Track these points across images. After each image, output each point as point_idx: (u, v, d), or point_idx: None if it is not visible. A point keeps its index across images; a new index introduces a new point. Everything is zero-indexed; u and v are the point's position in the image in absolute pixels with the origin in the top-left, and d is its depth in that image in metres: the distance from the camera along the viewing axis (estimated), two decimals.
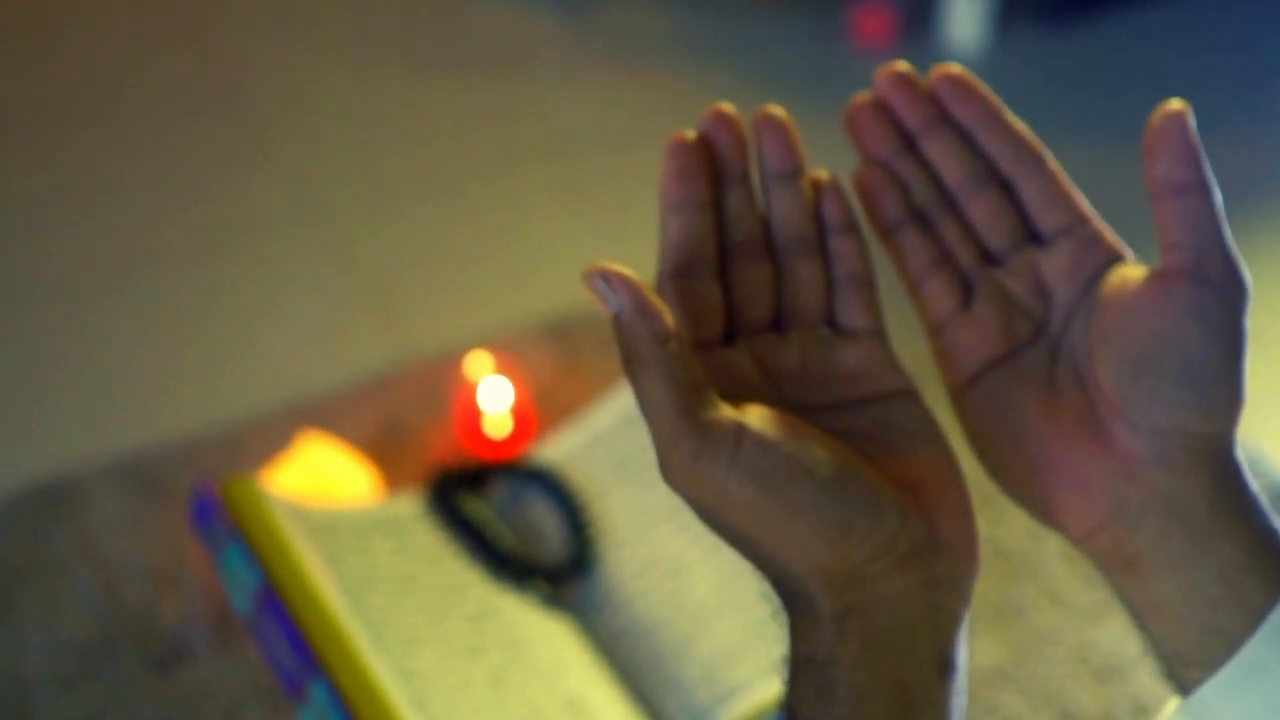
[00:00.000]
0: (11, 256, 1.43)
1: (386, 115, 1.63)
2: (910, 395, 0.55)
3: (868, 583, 0.50)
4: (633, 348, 0.50)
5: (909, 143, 0.58)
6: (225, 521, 0.85)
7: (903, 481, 0.52)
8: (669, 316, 0.50)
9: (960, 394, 0.57)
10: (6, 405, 1.21)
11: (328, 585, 0.84)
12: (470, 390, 1.07)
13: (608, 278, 0.50)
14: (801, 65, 1.66)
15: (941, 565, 0.51)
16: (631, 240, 1.39)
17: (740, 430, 0.50)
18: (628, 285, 0.50)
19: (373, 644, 0.81)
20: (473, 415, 1.06)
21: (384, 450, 1.10)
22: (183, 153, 1.59)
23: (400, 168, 1.53)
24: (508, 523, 0.95)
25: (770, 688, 0.83)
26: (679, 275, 0.54)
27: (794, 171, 0.56)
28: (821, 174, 0.57)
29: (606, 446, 0.97)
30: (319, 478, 1.01)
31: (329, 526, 0.89)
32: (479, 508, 0.95)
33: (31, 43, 1.78)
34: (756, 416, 0.51)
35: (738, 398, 0.52)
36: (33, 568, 1.03)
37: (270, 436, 1.11)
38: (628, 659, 0.87)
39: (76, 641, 0.99)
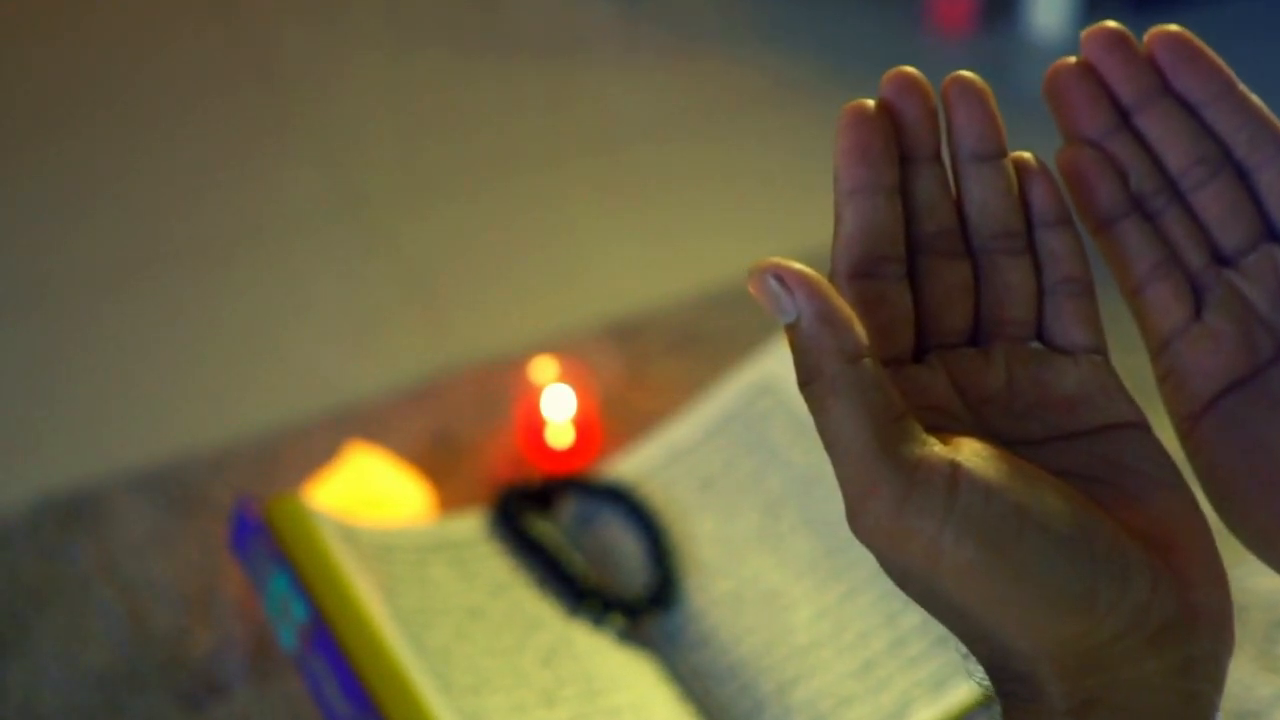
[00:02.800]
0: (28, 249, 1.32)
1: (427, 103, 1.53)
2: (1140, 428, 0.45)
3: (1114, 666, 0.40)
4: (815, 366, 0.40)
5: (1123, 119, 0.47)
6: (270, 545, 0.75)
7: (1144, 536, 0.42)
8: (861, 328, 0.40)
9: (1191, 424, 0.47)
10: (22, 410, 1.11)
11: (384, 619, 0.74)
12: (532, 398, 0.97)
13: (782, 276, 0.40)
14: (873, 54, 1.56)
15: (1198, 643, 0.41)
16: (693, 241, 1.29)
17: (955, 472, 0.39)
18: (809, 287, 0.40)
19: (436, 688, 0.72)
20: (535, 425, 0.96)
21: (436, 463, 1.00)
22: (212, 139, 1.49)
23: (442, 158, 1.43)
24: (579, 547, 0.85)
25: None
26: (858, 275, 0.44)
27: (996, 151, 0.45)
28: (1025, 156, 0.47)
29: (688, 463, 0.87)
30: (367, 493, 0.91)
31: (384, 550, 0.80)
32: (547, 530, 0.85)
33: (54, 23, 1.68)
34: (972, 454, 0.40)
35: (936, 429, 0.42)
36: (50, 590, 0.93)
37: (311, 446, 1.01)
38: (715, 702, 0.77)
39: (98, 673, 0.89)
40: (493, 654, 0.77)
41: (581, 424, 0.97)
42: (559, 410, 0.97)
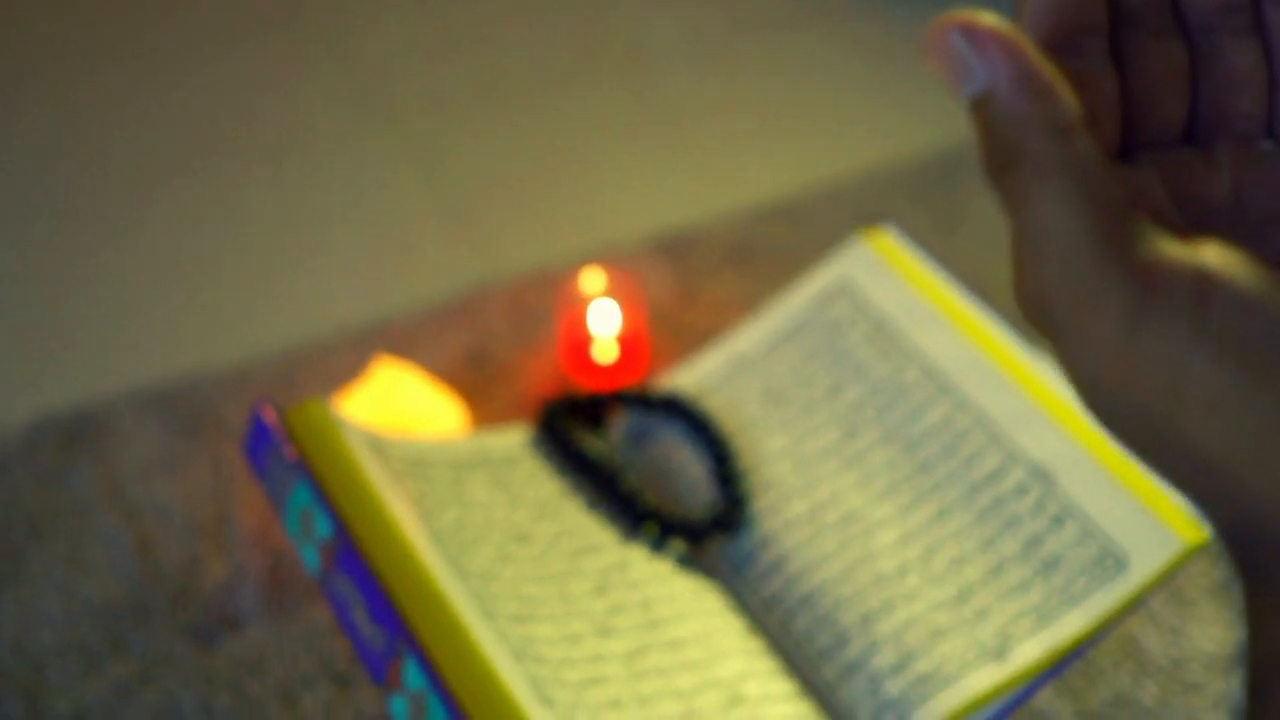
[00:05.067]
0: (42, 162, 1.23)
1: (457, 17, 1.44)
2: None
3: None
4: (1016, 145, 0.31)
5: None
6: (290, 453, 0.66)
7: None
8: (1071, 95, 0.31)
9: None
10: (22, 324, 1.02)
11: (418, 537, 0.65)
12: (577, 312, 0.88)
13: (972, 32, 0.31)
14: None
15: None
16: (744, 155, 1.19)
17: (1205, 279, 0.30)
18: (1007, 45, 0.31)
19: (479, 614, 0.63)
20: (579, 340, 0.87)
21: (471, 382, 0.91)
22: (238, 52, 1.39)
23: (474, 73, 1.34)
24: (632, 467, 0.76)
25: (984, 679, 0.64)
26: (1051, 51, 0.34)
27: None
28: None
29: (756, 375, 0.78)
30: (396, 410, 0.82)
31: (417, 465, 0.71)
32: (599, 447, 0.76)
33: None
34: (1220, 258, 0.31)
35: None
36: (48, 517, 0.85)
37: (334, 364, 0.92)
38: (790, 635, 0.68)
39: (100, 606, 0.80)
40: (540, 581, 0.68)
41: (629, 340, 0.88)
42: (605, 325, 0.88)
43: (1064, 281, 0.31)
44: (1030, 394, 0.71)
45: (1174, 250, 0.31)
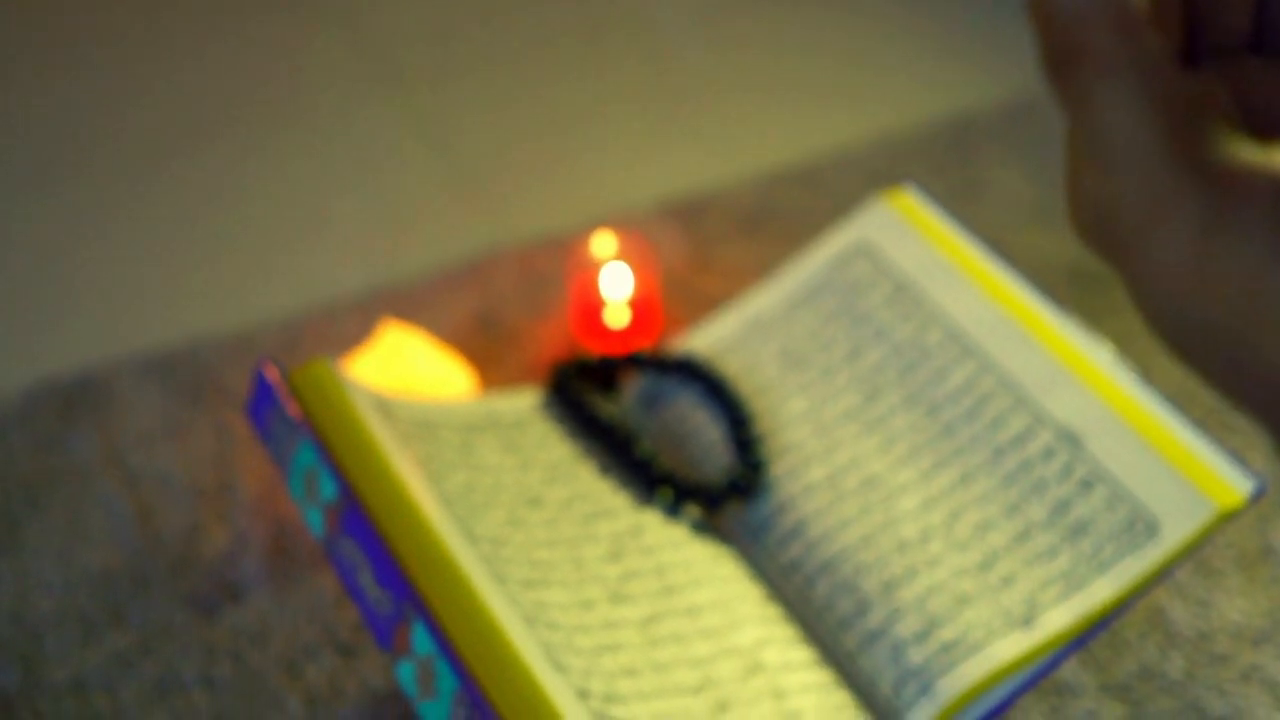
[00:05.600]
0: (41, 126, 1.20)
1: None
2: None
3: None
4: (1079, 39, 0.29)
5: None
6: (293, 413, 0.64)
7: None
8: None
9: None
10: (21, 288, 0.99)
11: (426, 500, 0.63)
12: (588, 275, 0.86)
13: None
14: None
15: None
16: (758, 119, 1.18)
17: None
18: None
19: (489, 578, 0.61)
20: (590, 304, 0.85)
21: (479, 347, 0.89)
22: (248, 24, 1.38)
23: (480, 34, 1.32)
24: (645, 431, 0.74)
25: (1011, 647, 0.62)
26: None
27: None
28: None
29: (774, 337, 0.76)
30: (403, 374, 0.80)
31: (424, 426, 0.69)
32: (611, 410, 0.74)
33: None
34: None
35: None
36: (46, 484, 0.83)
37: (339, 329, 0.90)
38: (809, 602, 0.66)
39: (98, 575, 0.78)
40: (552, 545, 0.66)
41: (640, 305, 0.86)
42: (617, 289, 0.86)
43: (1129, 189, 0.28)
44: (1058, 355, 0.69)
45: (1252, 156, 0.28)
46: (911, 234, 0.76)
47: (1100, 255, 0.30)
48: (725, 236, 0.99)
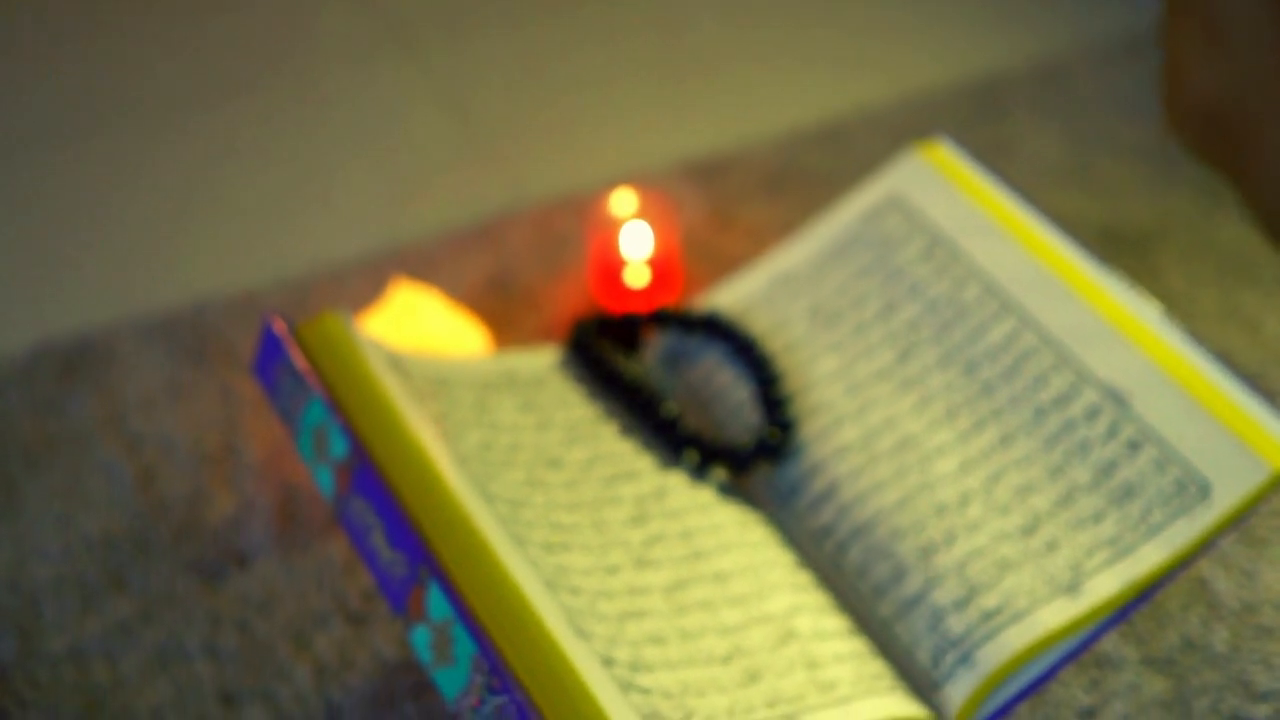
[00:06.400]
0: (58, 85, 1.16)
1: None
2: None
3: None
4: None
5: None
6: (302, 367, 0.61)
7: None
8: None
9: None
10: (22, 247, 0.96)
11: (441, 458, 0.60)
12: (607, 234, 0.82)
13: None
14: None
15: None
16: (782, 76, 1.15)
17: None
18: None
19: (507, 539, 0.57)
20: (609, 263, 0.82)
21: (493, 308, 0.86)
22: None
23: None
24: (668, 390, 0.71)
25: (1056, 614, 0.58)
26: None
27: None
28: None
29: (803, 293, 0.73)
30: (415, 334, 0.77)
31: (438, 384, 0.66)
32: (634, 369, 0.71)
33: None
34: None
35: None
36: (46, 447, 0.80)
37: (348, 290, 0.87)
38: (842, 569, 0.63)
39: (99, 541, 0.76)
40: (573, 508, 0.63)
41: (661, 264, 0.83)
42: (637, 248, 0.83)
43: (1251, 76, 0.25)
44: (1102, 311, 0.66)
45: None
46: (946, 186, 0.73)
47: (1204, 156, 0.27)
48: (747, 196, 0.96)
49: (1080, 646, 0.59)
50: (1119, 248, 0.91)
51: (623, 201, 0.84)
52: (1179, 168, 0.99)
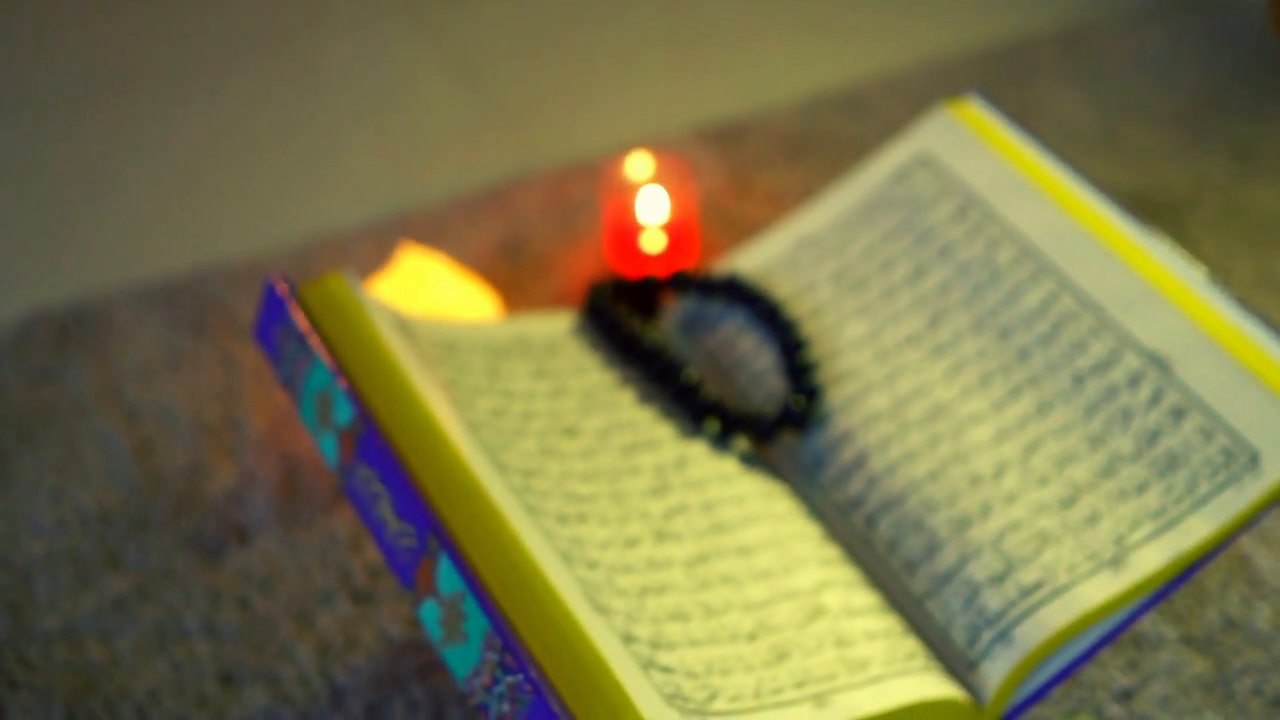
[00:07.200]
0: (61, 49, 1.13)
1: None
2: None
3: None
4: None
5: None
6: (305, 329, 0.58)
7: None
8: None
9: None
10: (17, 213, 0.93)
11: (451, 425, 0.57)
12: (623, 199, 0.79)
13: None
14: None
15: None
16: (802, 40, 1.10)
17: None
18: None
19: (521, 509, 0.54)
20: (624, 228, 0.79)
21: (504, 273, 0.83)
22: None
23: None
24: (687, 357, 0.68)
25: (1099, 590, 0.55)
26: None
27: None
28: None
29: (828, 256, 0.70)
30: (423, 300, 0.74)
31: (448, 348, 0.63)
32: (652, 334, 0.68)
33: None
34: None
35: None
36: (41, 418, 0.78)
37: (356, 255, 0.85)
38: (870, 544, 0.60)
39: (93, 515, 0.73)
40: (590, 478, 0.60)
41: (678, 229, 0.80)
42: (653, 212, 0.80)
43: None
44: (1143, 274, 0.63)
45: None
46: (978, 145, 0.70)
47: None
48: (766, 161, 0.93)
49: (1121, 625, 0.57)
50: (1150, 216, 0.88)
51: (638, 165, 0.81)
52: (1211, 134, 0.96)
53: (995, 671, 0.55)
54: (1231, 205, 0.90)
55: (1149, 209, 0.89)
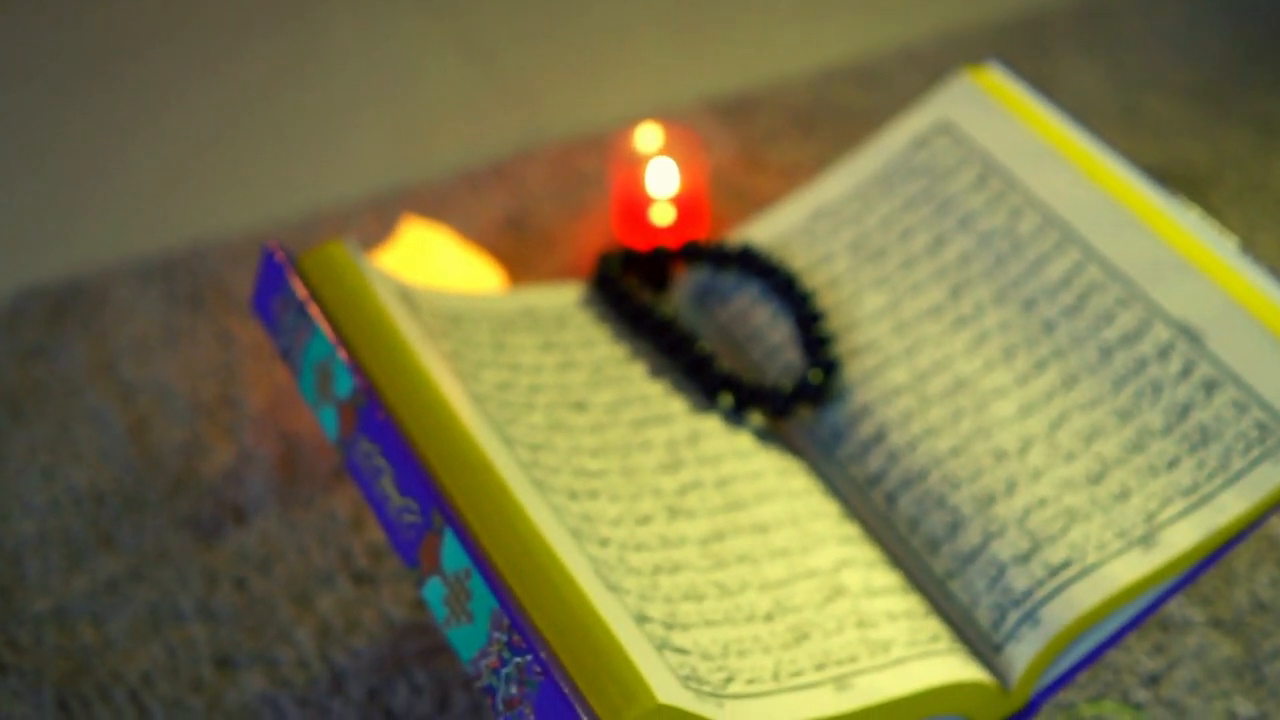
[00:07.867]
0: (60, 19, 1.11)
1: None
2: None
3: None
4: None
5: None
6: (304, 298, 0.56)
7: None
8: None
9: None
10: (16, 184, 0.91)
11: (456, 397, 0.54)
12: (632, 172, 0.77)
13: None
14: None
15: None
16: (814, 10, 1.07)
17: None
18: None
19: (528, 485, 0.52)
20: (633, 202, 0.77)
21: (510, 247, 0.81)
22: None
23: None
24: (700, 330, 0.66)
25: (1129, 568, 0.53)
26: None
27: None
28: None
29: (845, 226, 0.68)
30: (427, 274, 0.72)
31: (452, 320, 0.61)
32: (662, 305, 0.65)
33: None
34: None
35: None
36: (32, 396, 0.76)
37: (358, 229, 0.83)
38: (890, 522, 0.58)
39: (87, 495, 0.71)
40: (600, 454, 0.58)
41: (687, 201, 0.78)
42: (662, 185, 0.78)
43: None
44: (1172, 243, 0.61)
45: None
46: (1000, 112, 0.68)
47: None
48: (778, 134, 0.91)
49: (1150, 607, 0.55)
50: (1171, 190, 0.86)
51: (647, 137, 0.79)
52: (1232, 107, 0.94)
53: (1022, 654, 0.53)
54: (1253, 180, 0.88)
55: (1169, 183, 0.87)
